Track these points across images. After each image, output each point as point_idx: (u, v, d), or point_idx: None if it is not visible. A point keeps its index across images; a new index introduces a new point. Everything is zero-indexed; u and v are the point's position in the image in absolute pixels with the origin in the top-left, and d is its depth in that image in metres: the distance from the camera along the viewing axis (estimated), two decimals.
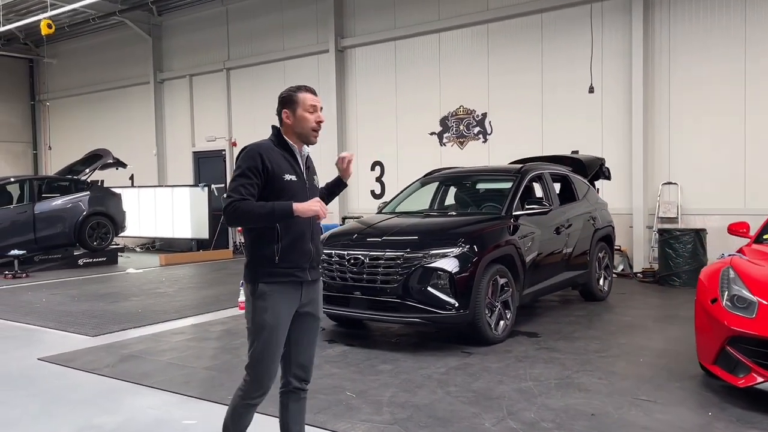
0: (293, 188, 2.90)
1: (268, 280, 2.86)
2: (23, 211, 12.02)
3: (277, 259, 2.85)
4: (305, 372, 3.11)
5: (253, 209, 2.77)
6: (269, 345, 2.89)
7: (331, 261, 5.89)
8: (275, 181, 2.86)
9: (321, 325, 2.83)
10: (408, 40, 12.67)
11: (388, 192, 13.13)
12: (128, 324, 7.09)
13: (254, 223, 2.84)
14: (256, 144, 2.96)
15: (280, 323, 2.89)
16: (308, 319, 3.04)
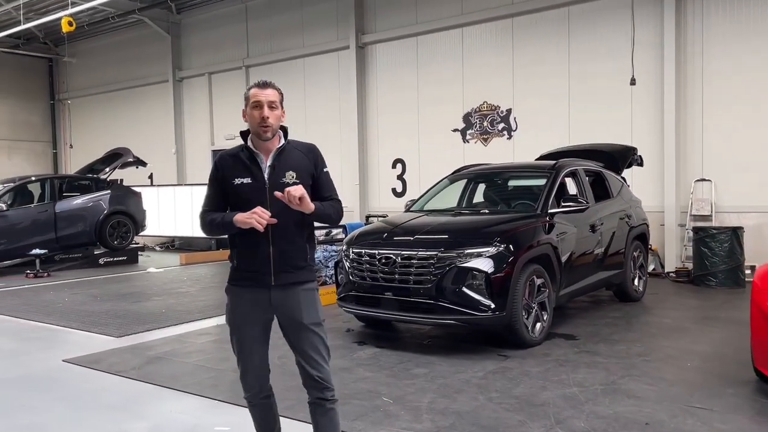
0: (245, 191, 2.88)
1: (231, 283, 3.01)
2: (44, 210, 11.97)
3: (236, 263, 2.98)
4: (317, 383, 2.96)
5: (211, 221, 2.93)
6: (239, 344, 3.02)
7: (360, 260, 5.71)
8: (226, 186, 2.92)
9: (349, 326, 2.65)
10: (430, 36, 12.45)
11: (409, 190, 12.94)
12: (152, 324, 6.96)
13: (218, 233, 2.97)
14: (222, 151, 3.06)
15: (245, 323, 2.98)
16: (295, 326, 2.94)
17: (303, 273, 2.94)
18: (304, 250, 2.93)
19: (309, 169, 2.96)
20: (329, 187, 3.03)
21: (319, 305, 3.00)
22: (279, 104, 2.95)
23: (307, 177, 2.94)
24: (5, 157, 19.19)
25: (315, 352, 2.95)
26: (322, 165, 3.03)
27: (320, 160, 3.03)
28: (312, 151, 3.04)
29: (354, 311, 5.89)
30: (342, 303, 6.01)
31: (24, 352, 5.95)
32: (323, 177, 3.02)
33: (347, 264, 5.88)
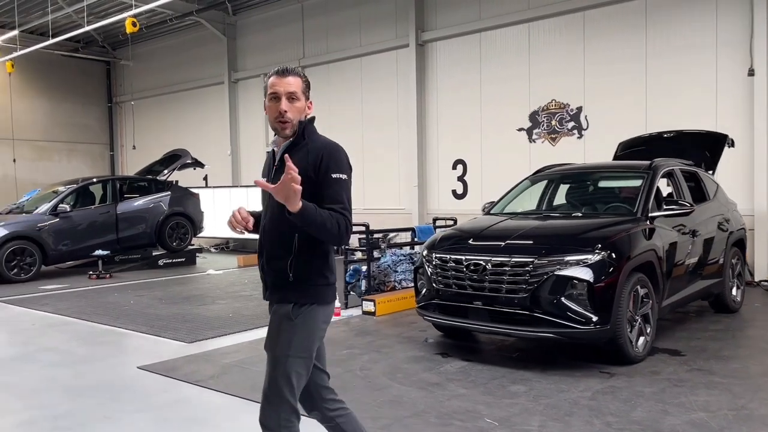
0: (262, 194, 2.63)
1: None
2: (106, 212, 12.03)
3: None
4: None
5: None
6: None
7: (445, 267, 5.36)
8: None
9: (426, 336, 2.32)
10: (494, 32, 12.01)
11: (470, 192, 12.54)
12: (222, 329, 6.76)
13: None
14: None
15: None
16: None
17: (283, 292, 2.53)
18: (287, 265, 2.50)
19: (307, 172, 2.43)
20: (333, 196, 2.45)
21: (298, 335, 2.49)
22: (302, 94, 2.55)
23: (305, 182, 2.35)
24: (65, 159, 19.57)
25: (266, 386, 2.53)
26: (332, 169, 2.48)
27: (327, 162, 2.48)
28: (321, 151, 2.51)
29: (437, 321, 5.54)
30: (423, 312, 5.67)
31: (98, 358, 5.80)
32: (327, 182, 2.47)
33: (429, 270, 5.54)
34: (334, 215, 2.40)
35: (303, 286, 2.50)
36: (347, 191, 2.49)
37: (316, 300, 2.52)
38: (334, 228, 2.39)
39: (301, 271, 2.50)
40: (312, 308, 2.51)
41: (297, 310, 2.49)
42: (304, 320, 2.49)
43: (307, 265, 2.51)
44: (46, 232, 11.04)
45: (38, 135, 18.87)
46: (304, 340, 2.50)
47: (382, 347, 5.83)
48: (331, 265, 2.60)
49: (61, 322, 7.48)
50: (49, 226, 11.10)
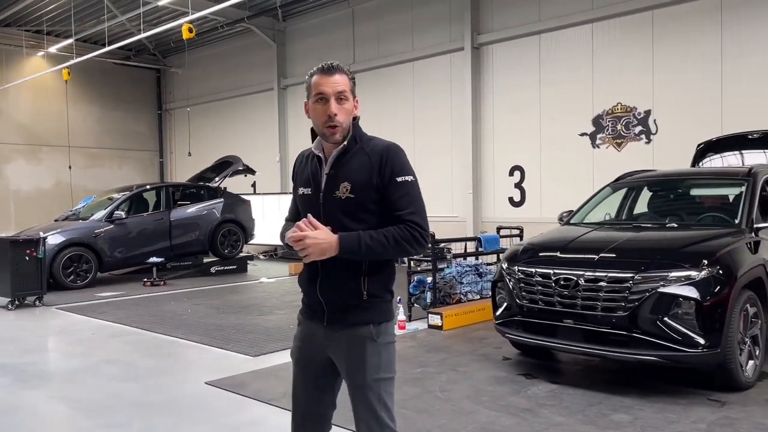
0: (303, 205, 2.40)
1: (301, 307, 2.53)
2: (160, 218, 12.00)
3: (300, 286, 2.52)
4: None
5: (282, 233, 2.50)
6: (292, 381, 2.50)
7: (531, 281, 4.98)
8: (295, 194, 2.50)
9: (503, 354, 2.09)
10: (555, 33, 11.58)
11: (528, 199, 12.10)
12: (285, 343, 6.50)
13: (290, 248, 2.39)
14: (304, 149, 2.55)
15: (298, 357, 2.47)
16: (347, 379, 2.37)
17: (357, 313, 2.30)
18: (358, 283, 2.28)
19: (371, 178, 2.25)
20: (402, 201, 2.25)
21: (383, 355, 2.31)
22: (350, 94, 2.32)
23: (369, 190, 2.25)
24: (115, 166, 19.83)
25: (360, 411, 2.32)
26: (396, 172, 2.26)
27: (391, 165, 2.26)
28: (382, 154, 2.28)
29: (520, 339, 5.15)
30: (503, 329, 5.30)
31: (163, 371, 5.61)
32: (394, 187, 2.25)
33: (511, 284, 5.17)
34: (394, 231, 2.22)
35: (372, 305, 2.31)
36: (415, 194, 2.28)
37: (389, 317, 2.38)
38: (400, 244, 2.22)
39: (371, 291, 2.31)
40: (388, 325, 2.37)
41: (377, 329, 2.31)
42: (385, 339, 2.33)
43: (374, 284, 2.32)
44: (102, 239, 11.05)
45: (91, 142, 19.16)
46: (391, 358, 2.36)
47: (458, 366, 5.48)
48: (394, 278, 2.43)
49: (120, 331, 7.36)
50: (104, 233, 11.11)
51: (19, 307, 9.00)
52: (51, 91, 18.27)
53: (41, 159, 18.15)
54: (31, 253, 9.01)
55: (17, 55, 17.27)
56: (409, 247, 2.23)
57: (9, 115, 17.54)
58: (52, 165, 18.33)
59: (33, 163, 18.01)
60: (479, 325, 7.13)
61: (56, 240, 10.48)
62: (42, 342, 6.94)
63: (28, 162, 17.92)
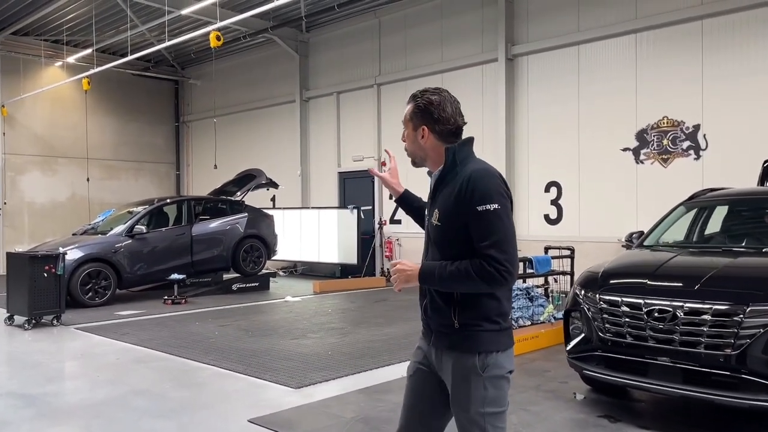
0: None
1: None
2: (181, 233, 11.53)
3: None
4: None
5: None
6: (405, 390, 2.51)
7: (616, 312, 4.44)
8: None
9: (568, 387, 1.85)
10: (595, 44, 11.11)
11: (566, 217, 11.56)
12: (326, 372, 5.98)
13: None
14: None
15: (410, 367, 2.51)
16: (451, 404, 2.34)
17: (456, 338, 2.26)
18: (450, 311, 2.26)
19: (456, 206, 2.23)
20: (480, 232, 2.17)
21: (489, 389, 2.22)
22: (408, 122, 2.41)
23: (454, 217, 2.24)
24: (132, 178, 19.44)
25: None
26: (477, 200, 2.18)
27: (473, 192, 2.19)
28: (465, 179, 2.24)
29: (604, 377, 4.58)
30: (580, 364, 4.75)
31: (200, 405, 5.09)
32: (474, 217, 2.18)
33: (590, 314, 4.63)
34: (468, 264, 2.16)
35: (471, 333, 2.24)
36: (497, 224, 2.15)
37: (495, 347, 2.26)
38: (471, 278, 2.14)
39: (467, 318, 2.25)
40: (497, 356, 2.25)
41: (482, 360, 2.23)
42: (492, 371, 2.23)
43: (471, 311, 2.25)
44: (121, 255, 10.59)
45: (107, 154, 18.80)
46: (500, 392, 2.28)
47: (528, 404, 4.93)
48: (501, 308, 2.28)
49: (146, 356, 6.86)
50: (124, 248, 10.64)
51: (36, 326, 8.52)
52: (68, 102, 17.95)
53: (56, 171, 17.78)
54: (49, 270, 8.55)
55: (35, 65, 16.97)
56: (481, 282, 2.14)
57: (25, 126, 17.21)
58: (67, 177, 17.95)
59: (48, 175, 17.64)
60: (534, 355, 6.59)
61: (75, 255, 10.03)
62: (64, 368, 6.44)
63: (44, 174, 17.56)
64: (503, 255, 2.13)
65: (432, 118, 2.34)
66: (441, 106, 2.34)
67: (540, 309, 7.26)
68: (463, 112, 2.51)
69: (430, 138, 2.36)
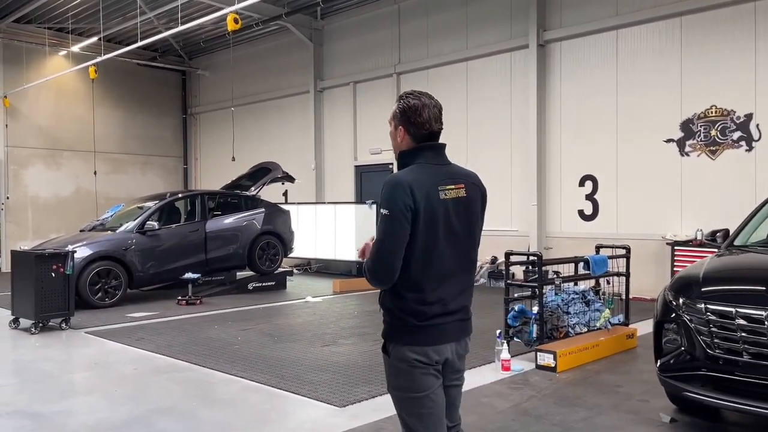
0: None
1: None
2: (195, 230, 10.88)
3: None
4: None
5: None
6: None
7: (728, 325, 3.80)
8: None
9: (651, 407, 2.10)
10: (635, 28, 10.44)
11: (602, 212, 10.92)
12: (370, 386, 5.34)
13: None
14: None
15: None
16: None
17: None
18: (382, 297, 2.50)
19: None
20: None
21: (390, 369, 2.50)
22: (391, 120, 2.58)
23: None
24: (139, 172, 18.80)
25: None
26: (380, 203, 2.42)
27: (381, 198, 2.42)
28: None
29: (714, 402, 3.91)
30: (679, 384, 4.10)
31: (235, 428, 4.46)
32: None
33: (694, 325, 3.99)
34: (366, 263, 2.42)
35: (388, 320, 2.48)
36: (380, 227, 2.37)
37: (388, 335, 2.49)
38: (366, 271, 2.42)
39: (389, 305, 2.47)
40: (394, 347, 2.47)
41: (386, 346, 2.51)
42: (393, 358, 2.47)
43: (386, 303, 2.48)
44: (132, 252, 9.95)
45: (113, 147, 18.14)
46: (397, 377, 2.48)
47: (612, 429, 4.30)
48: (407, 307, 2.42)
49: (167, 365, 6.23)
50: (135, 246, 10.01)
51: (43, 329, 7.90)
52: (73, 93, 17.29)
53: (61, 164, 17.13)
54: (57, 269, 7.92)
55: (38, 54, 16.30)
56: (367, 274, 2.42)
57: (28, 118, 16.55)
58: (72, 171, 17.30)
59: (52, 168, 16.99)
60: (596, 366, 5.96)
61: (83, 253, 9.39)
62: (76, 380, 5.81)
63: (48, 167, 16.90)
64: (373, 256, 2.35)
65: (409, 120, 2.48)
66: (418, 111, 2.48)
67: (596, 314, 6.63)
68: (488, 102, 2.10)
69: (406, 138, 2.51)
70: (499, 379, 5.56)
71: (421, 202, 2.32)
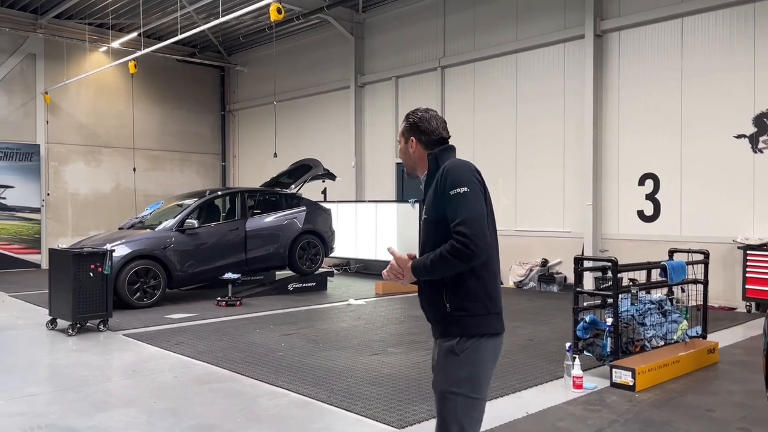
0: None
1: None
2: (235, 228, 10.55)
3: None
4: None
5: None
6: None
7: None
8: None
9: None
10: (702, 16, 9.72)
11: (664, 214, 10.22)
12: (430, 404, 4.84)
13: None
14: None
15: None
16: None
17: (440, 326, 2.51)
18: (441, 296, 2.45)
19: (435, 197, 2.49)
20: (452, 213, 2.36)
21: (456, 368, 2.40)
22: (401, 137, 2.74)
23: (437, 208, 2.47)
24: (177, 169, 18.67)
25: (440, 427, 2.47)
26: (449, 185, 2.41)
27: (446, 180, 2.43)
28: (441, 174, 2.48)
29: None
30: None
31: None
32: (447, 200, 2.39)
33: None
34: (443, 246, 2.35)
35: (452, 318, 2.43)
36: (466, 204, 2.35)
37: (474, 331, 2.43)
38: (446, 260, 2.33)
39: (453, 304, 2.43)
40: (477, 341, 2.42)
41: (460, 344, 2.42)
42: (470, 354, 2.41)
43: (455, 297, 2.43)
44: (171, 251, 9.66)
45: (152, 144, 18.05)
46: (475, 376, 2.41)
47: None
48: (487, 291, 2.44)
49: (207, 373, 5.85)
50: (174, 244, 9.71)
51: (80, 330, 7.64)
52: (113, 89, 17.23)
53: (101, 161, 17.09)
54: (95, 269, 7.64)
55: (79, 49, 16.26)
56: (453, 259, 2.31)
57: (69, 114, 16.54)
58: (111, 167, 17.25)
59: (92, 165, 16.96)
60: (678, 385, 5.36)
61: (122, 251, 9.13)
62: (113, 389, 5.47)
63: (87, 164, 16.87)
64: (469, 230, 2.29)
65: (419, 130, 2.64)
66: (427, 121, 2.64)
67: (673, 326, 6.02)
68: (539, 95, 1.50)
69: (418, 147, 2.64)
70: (571, 399, 5.00)
71: (483, 181, 2.47)
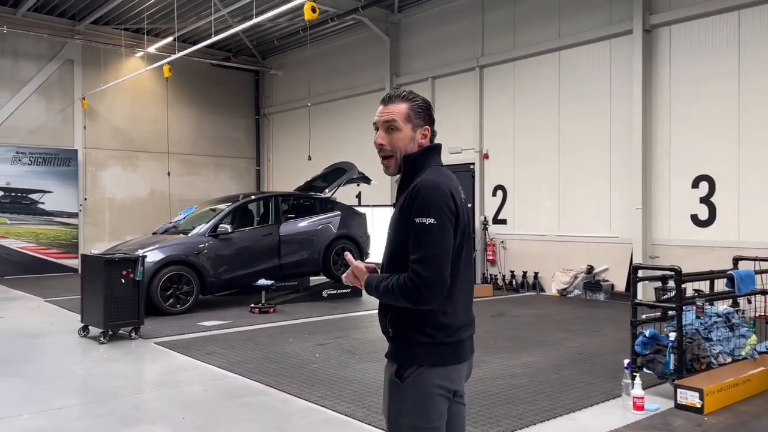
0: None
1: None
2: (268, 233, 10.32)
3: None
4: None
5: None
6: None
7: None
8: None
9: None
10: (758, 9, 9.11)
11: (720, 217, 9.61)
12: (481, 426, 4.47)
13: None
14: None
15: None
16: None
17: (390, 346, 2.25)
18: (384, 319, 2.22)
19: (400, 217, 2.18)
20: (413, 245, 2.07)
21: (399, 397, 2.15)
22: (404, 122, 2.23)
23: (398, 228, 2.17)
24: (211, 174, 18.64)
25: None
26: (415, 211, 2.09)
27: (413, 202, 2.11)
28: (413, 188, 2.14)
29: None
30: None
31: None
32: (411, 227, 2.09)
33: None
34: (397, 279, 2.09)
35: (402, 341, 2.19)
36: (429, 239, 2.05)
37: (422, 361, 2.15)
38: (397, 295, 2.08)
39: (397, 327, 2.19)
40: (422, 371, 2.14)
41: (403, 372, 2.17)
42: (415, 386, 2.15)
43: (401, 320, 2.17)
44: (204, 256, 9.48)
45: (187, 148, 18.04)
46: (421, 406, 2.15)
47: None
48: (437, 321, 2.14)
49: (239, 386, 5.57)
50: (208, 249, 9.53)
51: (112, 338, 7.47)
52: (148, 94, 17.29)
53: (137, 166, 17.15)
54: (128, 275, 7.47)
55: (115, 55, 16.34)
56: (403, 298, 2.08)
57: (106, 119, 16.64)
58: (147, 172, 17.30)
59: (129, 170, 17.03)
60: (748, 406, 4.86)
61: (155, 257, 8.98)
62: (142, 402, 5.23)
63: (124, 169, 16.95)
64: (426, 272, 2.04)
65: (431, 117, 2.30)
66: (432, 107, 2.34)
67: (742, 341, 5.50)
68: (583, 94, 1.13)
69: (427, 140, 2.30)
70: (632, 422, 4.55)
71: (459, 206, 2.15)
